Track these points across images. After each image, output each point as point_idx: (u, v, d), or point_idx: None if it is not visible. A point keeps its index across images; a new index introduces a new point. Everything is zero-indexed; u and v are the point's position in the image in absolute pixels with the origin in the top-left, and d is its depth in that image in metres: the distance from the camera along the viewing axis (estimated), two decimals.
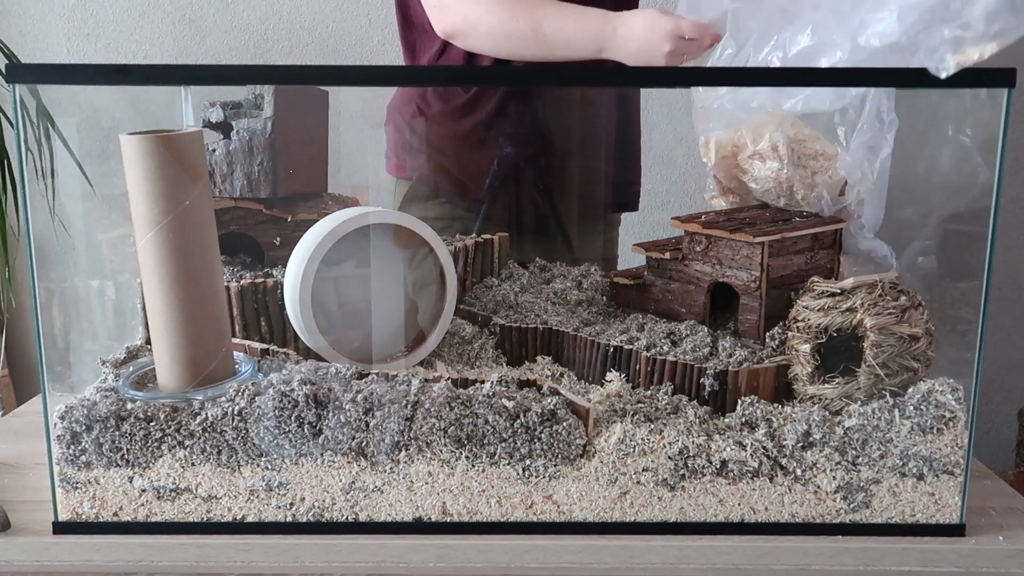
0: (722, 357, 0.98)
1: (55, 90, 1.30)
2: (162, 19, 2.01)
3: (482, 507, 0.89)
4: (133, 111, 1.01)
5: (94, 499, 0.89)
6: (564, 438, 0.87)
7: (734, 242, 1.02)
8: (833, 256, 1.06)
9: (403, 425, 0.88)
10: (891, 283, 0.96)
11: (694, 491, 0.89)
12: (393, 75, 1.12)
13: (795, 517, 0.89)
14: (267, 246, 1.16)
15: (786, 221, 1.05)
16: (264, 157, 1.11)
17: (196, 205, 0.88)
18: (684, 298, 1.09)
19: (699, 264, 1.06)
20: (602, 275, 1.25)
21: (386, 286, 1.09)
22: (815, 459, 0.88)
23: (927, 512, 0.89)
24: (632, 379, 1.02)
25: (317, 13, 2.01)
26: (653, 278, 1.12)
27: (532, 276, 1.28)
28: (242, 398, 0.88)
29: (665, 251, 1.09)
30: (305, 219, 1.15)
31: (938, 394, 0.89)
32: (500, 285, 1.24)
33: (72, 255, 1.16)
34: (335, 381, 0.90)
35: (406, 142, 1.47)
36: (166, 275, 0.89)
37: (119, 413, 0.87)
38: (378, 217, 1.03)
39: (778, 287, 1.02)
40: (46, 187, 1.17)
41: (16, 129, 0.87)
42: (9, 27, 2.01)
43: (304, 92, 1.16)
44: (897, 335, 0.92)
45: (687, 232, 1.07)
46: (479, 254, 1.26)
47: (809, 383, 0.95)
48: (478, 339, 1.14)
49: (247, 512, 0.89)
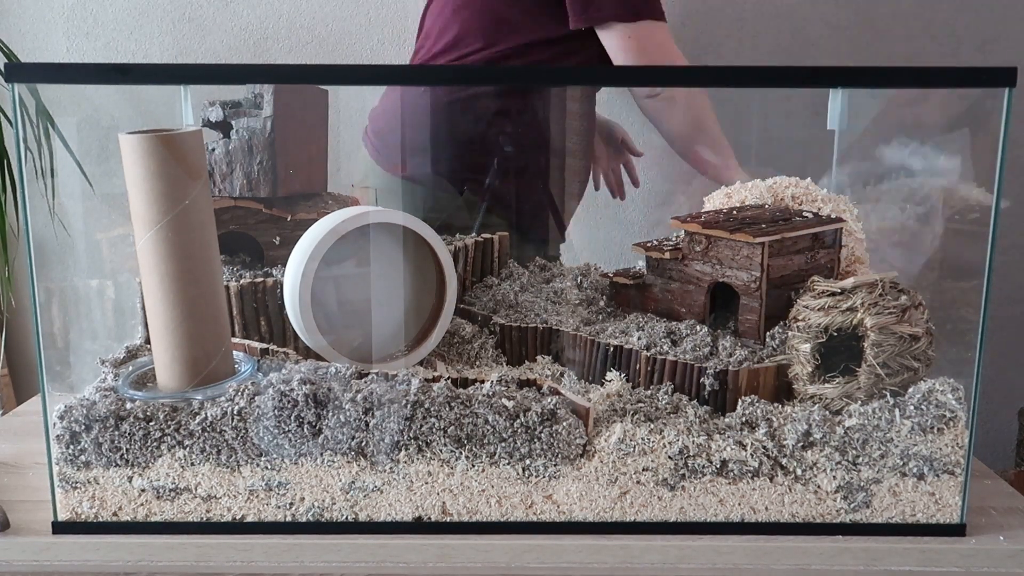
0: (722, 357, 0.98)
1: (54, 89, 1.30)
2: (162, 18, 2.01)
3: (482, 507, 0.89)
4: (132, 110, 1.01)
5: (93, 499, 0.89)
6: (564, 438, 0.87)
7: (734, 242, 1.01)
8: (833, 256, 1.06)
9: (403, 425, 0.87)
10: (891, 283, 0.96)
11: (694, 491, 0.89)
12: (393, 75, 1.12)
13: (795, 517, 0.89)
14: (267, 245, 1.16)
15: (786, 221, 1.05)
16: (264, 156, 1.11)
17: (195, 204, 0.88)
18: (684, 298, 1.08)
19: (699, 264, 1.06)
20: (602, 275, 1.25)
21: (386, 286, 1.09)
22: (815, 459, 0.88)
23: (927, 512, 0.89)
24: (632, 379, 1.02)
25: (317, 12, 2.01)
26: (653, 278, 1.12)
27: (532, 276, 1.28)
28: (242, 398, 0.88)
29: (665, 251, 1.09)
30: (305, 219, 1.15)
31: (938, 394, 0.89)
32: (500, 285, 1.24)
33: (72, 255, 1.16)
34: (335, 381, 0.90)
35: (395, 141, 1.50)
36: (166, 274, 0.89)
37: (118, 413, 0.87)
38: (378, 217, 1.03)
39: (778, 287, 1.02)
40: (46, 187, 1.17)
41: (15, 128, 0.87)
42: (8, 26, 2.01)
43: (304, 91, 1.16)
44: (897, 335, 0.91)
45: (687, 232, 1.07)
46: (479, 254, 1.26)
47: (809, 383, 0.94)
48: (478, 339, 1.14)
49: (247, 512, 0.89)
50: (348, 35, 2.02)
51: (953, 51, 1.99)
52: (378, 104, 1.52)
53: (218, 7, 2.01)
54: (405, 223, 1.05)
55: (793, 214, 1.09)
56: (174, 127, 0.90)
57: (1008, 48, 1.98)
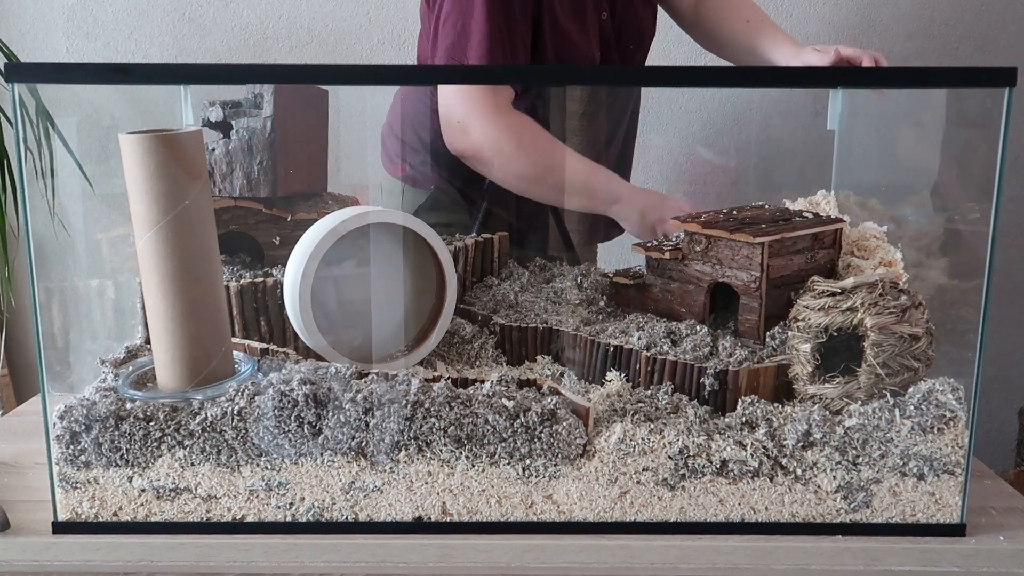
0: (722, 357, 0.98)
1: (54, 89, 1.30)
2: (161, 18, 2.01)
3: (482, 507, 0.89)
4: (132, 110, 1.01)
5: (93, 499, 0.89)
6: (564, 438, 0.87)
7: (734, 242, 1.01)
8: (833, 256, 1.06)
9: (403, 425, 0.87)
10: (891, 282, 0.96)
11: (694, 491, 0.89)
12: (393, 75, 1.12)
13: (795, 517, 0.89)
14: (267, 245, 1.16)
15: (786, 221, 1.05)
16: (264, 156, 1.11)
17: (195, 204, 0.88)
18: (684, 298, 1.08)
19: (699, 264, 1.06)
20: (602, 275, 1.25)
21: (386, 285, 1.09)
22: (815, 459, 0.88)
23: (927, 512, 0.89)
24: (632, 379, 1.02)
25: (317, 12, 2.01)
26: (653, 278, 1.12)
27: (532, 276, 1.28)
28: (242, 398, 0.88)
29: (665, 251, 1.09)
30: (305, 218, 1.15)
31: (938, 394, 0.89)
32: (500, 285, 1.24)
33: (72, 255, 1.16)
34: (335, 381, 0.90)
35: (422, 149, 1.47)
36: (166, 274, 0.89)
37: (118, 413, 0.87)
38: (378, 217, 1.03)
39: (778, 287, 1.02)
40: (46, 187, 1.17)
41: (15, 128, 0.87)
42: (8, 26, 2.01)
43: (304, 91, 1.16)
44: (898, 334, 0.91)
45: (687, 232, 1.07)
46: (479, 254, 1.26)
47: (809, 383, 0.94)
48: (478, 339, 1.14)
49: (247, 512, 0.89)
50: (348, 35, 2.02)
51: (953, 51, 1.99)
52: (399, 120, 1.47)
53: (218, 7, 2.01)
54: (405, 223, 1.05)
55: (793, 214, 1.09)
56: (174, 127, 0.90)
57: (1008, 48, 1.98)
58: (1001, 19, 1.97)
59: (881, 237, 1.08)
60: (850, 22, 1.98)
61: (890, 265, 1.03)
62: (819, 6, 1.98)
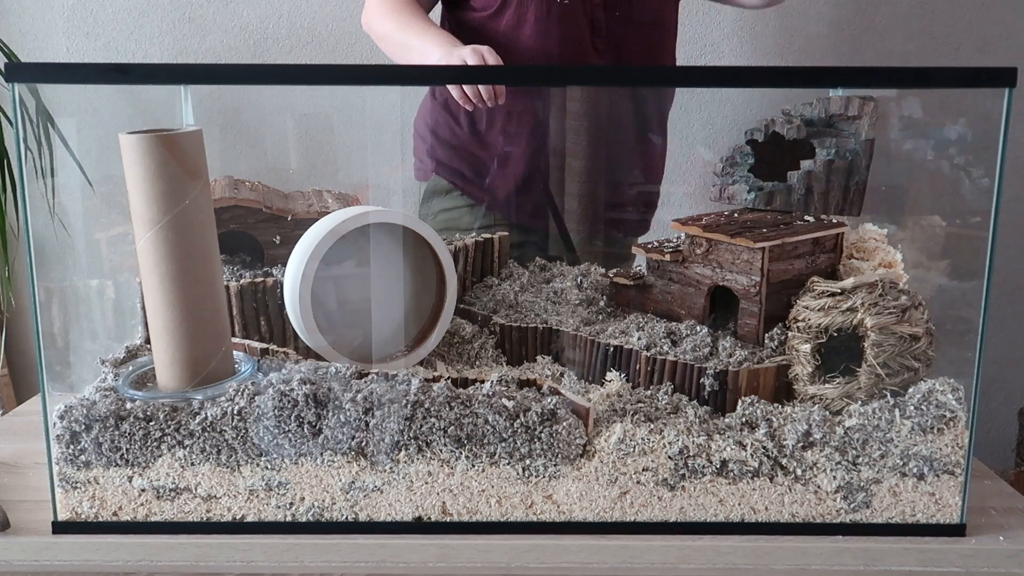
0: (722, 357, 0.98)
1: (54, 89, 1.30)
2: (162, 18, 2.01)
3: (482, 507, 0.89)
4: (132, 110, 1.01)
5: (93, 499, 0.89)
6: (564, 438, 0.87)
7: (734, 246, 1.01)
8: (834, 260, 1.06)
9: (403, 425, 0.87)
10: (891, 283, 0.96)
11: (694, 491, 0.89)
12: (393, 75, 1.12)
13: (795, 517, 0.89)
14: (267, 245, 1.16)
15: (787, 225, 1.05)
16: (859, 177, 1.06)
17: (195, 204, 0.88)
18: (684, 300, 1.08)
19: (699, 267, 1.06)
20: (602, 275, 1.25)
21: (386, 285, 1.09)
22: (815, 459, 0.88)
23: (927, 512, 0.89)
24: (632, 379, 1.02)
25: (317, 12, 2.01)
26: (653, 279, 1.12)
27: (532, 276, 1.28)
28: (242, 398, 0.88)
29: (665, 253, 1.09)
30: (305, 218, 1.15)
31: (938, 394, 0.89)
32: (500, 285, 1.24)
33: (72, 255, 1.16)
34: (335, 381, 0.90)
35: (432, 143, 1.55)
36: (166, 274, 0.89)
37: (118, 413, 0.87)
38: (378, 217, 1.03)
39: (778, 291, 1.01)
40: (46, 186, 1.17)
41: (16, 128, 0.87)
42: (9, 26, 2.01)
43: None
44: (898, 335, 0.91)
45: (688, 234, 1.06)
46: (479, 254, 1.26)
47: (809, 383, 0.94)
48: (478, 339, 1.14)
49: (247, 512, 0.89)
50: (348, 35, 2.02)
51: (953, 51, 1.99)
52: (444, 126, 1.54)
53: (218, 7, 2.01)
54: (405, 223, 1.05)
55: (794, 218, 1.09)
56: (174, 127, 0.90)
57: (1008, 48, 1.98)
58: (1001, 19, 1.97)
59: (881, 239, 1.08)
60: (850, 22, 1.98)
61: (890, 266, 1.03)
62: (819, 6, 1.98)
